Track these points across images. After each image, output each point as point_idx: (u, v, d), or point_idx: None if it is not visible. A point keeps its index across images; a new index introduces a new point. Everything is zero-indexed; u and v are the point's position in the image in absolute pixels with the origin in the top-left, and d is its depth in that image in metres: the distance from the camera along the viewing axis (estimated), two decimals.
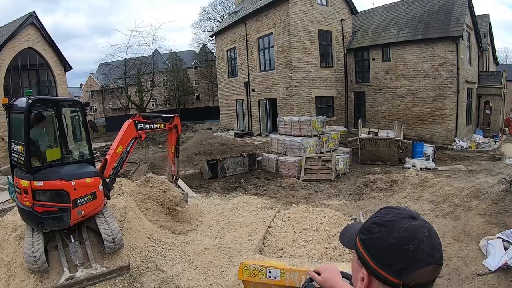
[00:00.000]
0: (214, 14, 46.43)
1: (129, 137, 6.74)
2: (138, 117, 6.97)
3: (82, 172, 5.69)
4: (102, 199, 5.96)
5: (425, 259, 1.00)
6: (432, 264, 1.01)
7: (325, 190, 10.90)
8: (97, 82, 46.98)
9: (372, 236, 1.09)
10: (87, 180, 5.59)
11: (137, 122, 6.85)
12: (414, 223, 1.05)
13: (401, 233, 1.03)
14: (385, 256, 1.04)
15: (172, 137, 8.35)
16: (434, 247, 1.02)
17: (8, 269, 5.58)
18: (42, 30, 17.69)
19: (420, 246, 1.00)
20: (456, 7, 17.05)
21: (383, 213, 1.14)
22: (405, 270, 1.00)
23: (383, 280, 1.04)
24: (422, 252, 1.00)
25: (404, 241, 1.01)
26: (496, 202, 8.96)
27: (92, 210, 5.73)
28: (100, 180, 5.88)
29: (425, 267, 1.00)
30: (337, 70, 20.78)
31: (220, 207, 9.39)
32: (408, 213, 1.10)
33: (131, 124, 6.76)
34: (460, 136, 16.80)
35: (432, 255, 1.01)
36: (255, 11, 20.86)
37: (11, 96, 15.99)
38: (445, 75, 16.69)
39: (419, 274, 1.00)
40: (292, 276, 3.68)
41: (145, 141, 21.89)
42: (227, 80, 25.80)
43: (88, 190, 5.58)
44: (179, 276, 5.86)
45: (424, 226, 1.05)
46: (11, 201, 9.73)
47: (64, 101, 6.69)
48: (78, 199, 5.41)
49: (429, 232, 1.04)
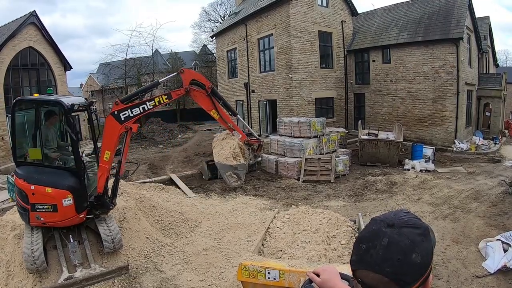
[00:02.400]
0: (215, 15, 46.41)
1: (114, 136, 5.41)
2: (116, 106, 5.44)
3: (47, 180, 5.31)
4: (71, 215, 5.39)
5: (371, 265, 1.02)
6: (380, 275, 1.00)
7: (324, 191, 10.90)
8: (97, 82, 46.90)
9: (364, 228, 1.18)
10: (47, 190, 5.21)
11: (117, 113, 5.40)
12: (385, 229, 1.04)
13: (366, 232, 1.09)
14: (354, 244, 1.12)
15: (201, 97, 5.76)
16: (386, 260, 1.00)
17: (6, 269, 5.58)
18: (42, 29, 17.70)
19: (370, 250, 1.03)
20: (456, 9, 17.06)
21: (386, 213, 1.17)
22: (354, 263, 1.08)
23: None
24: (370, 256, 1.02)
25: (362, 239, 1.08)
26: (496, 204, 8.97)
27: (58, 222, 5.36)
28: (68, 195, 5.29)
29: (371, 272, 1.02)
30: (337, 72, 20.78)
31: (219, 208, 9.37)
32: (392, 220, 1.06)
33: (109, 118, 5.42)
34: (460, 138, 16.80)
35: (380, 266, 1.00)
36: (256, 12, 20.87)
37: (11, 95, 16.01)
38: (445, 77, 16.69)
39: (365, 275, 1.04)
40: (291, 277, 3.69)
41: (144, 141, 21.91)
42: (227, 81, 25.80)
43: (47, 200, 5.22)
44: (178, 276, 5.85)
45: (390, 237, 1.02)
46: (11, 200, 9.72)
47: (45, 102, 5.81)
48: (36, 204, 5.23)
49: (389, 244, 1.01)
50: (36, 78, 18.09)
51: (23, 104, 5.84)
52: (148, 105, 5.48)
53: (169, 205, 8.79)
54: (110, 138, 5.39)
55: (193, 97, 5.76)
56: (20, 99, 5.87)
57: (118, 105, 5.37)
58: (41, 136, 5.56)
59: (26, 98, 6.17)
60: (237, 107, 24.51)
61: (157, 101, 5.52)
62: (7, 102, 15.56)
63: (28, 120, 5.81)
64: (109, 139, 5.39)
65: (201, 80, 5.72)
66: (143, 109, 5.43)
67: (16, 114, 5.61)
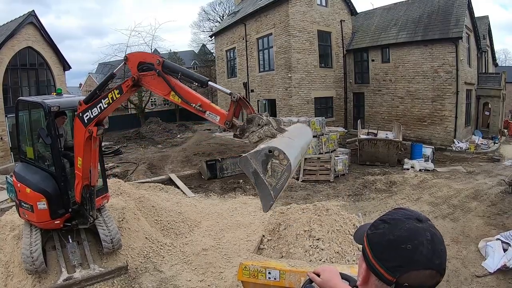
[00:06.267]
0: (214, 15, 46.38)
1: (81, 141, 4.78)
2: (80, 108, 4.71)
3: (29, 180, 5.37)
4: (46, 219, 5.28)
5: (423, 262, 0.98)
6: (430, 269, 0.99)
7: (324, 191, 10.89)
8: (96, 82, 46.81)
9: (376, 231, 1.09)
10: (27, 190, 5.30)
11: (81, 115, 4.68)
12: (419, 225, 1.04)
13: (402, 231, 1.02)
14: (383, 251, 1.04)
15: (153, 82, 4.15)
16: (434, 252, 1.00)
17: (6, 269, 5.56)
18: (41, 29, 17.64)
19: (419, 247, 0.99)
20: (455, 9, 17.07)
21: (392, 212, 1.14)
22: (399, 268, 1.00)
23: (378, 275, 1.04)
24: (420, 254, 0.98)
25: (403, 240, 1.01)
26: (495, 203, 8.97)
27: (35, 222, 5.40)
28: (42, 199, 5.17)
29: (422, 270, 0.99)
30: (337, 71, 20.79)
31: (218, 208, 9.36)
32: (416, 215, 1.08)
33: (76, 121, 4.78)
34: (459, 137, 16.81)
35: (431, 260, 0.99)
36: (255, 12, 20.86)
37: (10, 95, 15.97)
38: (444, 76, 16.70)
39: (414, 276, 0.99)
40: (291, 277, 3.68)
41: (143, 141, 21.89)
42: (226, 80, 25.79)
43: (27, 200, 5.30)
44: (177, 277, 5.84)
45: (428, 230, 1.03)
46: (10, 200, 9.70)
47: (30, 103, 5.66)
48: (21, 201, 5.40)
49: (432, 237, 1.02)
50: (35, 78, 18.03)
51: (20, 104, 6.00)
52: (104, 103, 4.50)
53: (169, 205, 8.78)
54: (78, 143, 4.87)
55: (146, 85, 4.27)
56: (19, 99, 6.09)
57: (81, 105, 4.69)
58: (33, 136, 5.69)
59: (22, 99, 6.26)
60: None
61: (110, 97, 4.45)
62: (6, 102, 15.52)
63: (26, 120, 5.93)
64: (77, 144, 4.89)
65: (147, 58, 4.17)
66: (100, 108, 4.53)
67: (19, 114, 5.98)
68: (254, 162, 2.77)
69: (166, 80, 3.98)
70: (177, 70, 4.09)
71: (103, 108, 4.50)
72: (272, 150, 2.71)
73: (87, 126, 4.64)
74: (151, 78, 4.14)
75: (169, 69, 4.08)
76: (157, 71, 4.02)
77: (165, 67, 4.05)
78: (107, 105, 4.48)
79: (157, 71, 4.02)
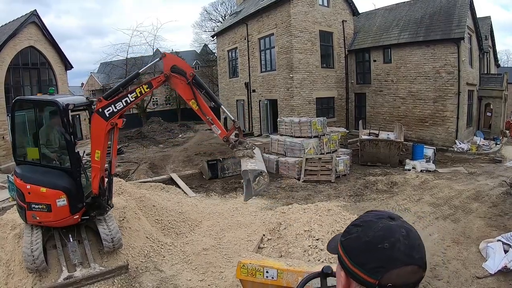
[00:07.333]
0: (216, 15, 46.40)
1: (102, 134, 5.25)
2: (99, 104, 5.19)
3: (42, 180, 5.33)
4: (65, 216, 5.40)
5: (402, 259, 0.96)
6: (411, 265, 0.96)
7: (325, 191, 10.88)
8: (98, 82, 46.97)
9: (350, 236, 1.06)
10: (42, 189, 5.24)
11: (101, 110, 5.17)
12: (392, 223, 1.02)
13: (376, 231, 1.00)
14: (360, 255, 1.01)
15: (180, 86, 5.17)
16: (413, 247, 0.98)
17: (6, 268, 5.59)
18: (43, 29, 17.70)
19: (396, 244, 0.96)
20: (457, 9, 17.03)
21: (363, 215, 1.12)
22: (379, 269, 0.96)
23: (359, 281, 1.01)
24: (398, 251, 0.96)
25: (379, 240, 0.98)
26: (496, 204, 8.94)
27: (52, 222, 5.40)
28: (62, 195, 5.29)
29: (403, 267, 0.96)
30: (338, 71, 20.77)
31: (219, 208, 9.37)
32: (387, 214, 1.07)
33: (95, 117, 5.23)
34: (461, 138, 16.78)
35: (411, 256, 0.97)
36: (257, 12, 20.86)
37: (12, 95, 16.01)
38: (446, 77, 16.66)
39: (396, 275, 0.95)
40: (289, 277, 3.68)
41: (145, 141, 21.91)
42: (228, 80, 25.80)
43: (41, 200, 5.24)
44: (177, 276, 5.85)
45: (403, 227, 1.01)
46: (11, 199, 9.73)
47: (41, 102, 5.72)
48: (32, 203, 5.27)
49: (408, 232, 1.00)
50: (37, 77, 18.09)
51: (22, 104, 5.88)
52: (130, 97, 5.19)
53: (169, 205, 8.79)
54: (98, 136, 5.26)
55: (173, 84, 5.23)
56: (19, 98, 5.93)
57: (101, 102, 5.18)
58: (39, 136, 5.58)
59: (24, 98, 6.18)
60: (238, 107, 24.54)
61: (138, 92, 5.20)
62: (8, 102, 15.57)
63: (27, 120, 5.83)
64: (97, 137, 5.27)
65: (183, 66, 5.16)
66: (125, 102, 5.18)
67: (15, 114, 5.67)
68: (250, 174, 4.78)
69: (193, 91, 5.08)
70: (203, 87, 5.27)
71: (129, 102, 5.22)
72: (262, 172, 4.84)
73: (108, 119, 5.16)
74: (180, 82, 5.12)
75: (197, 83, 5.15)
76: (188, 81, 5.04)
77: (195, 80, 5.10)
78: (134, 99, 5.23)
79: (188, 81, 5.04)
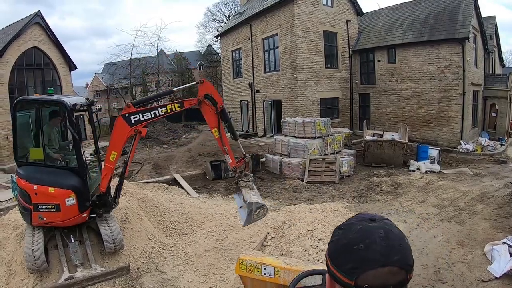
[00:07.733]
0: (219, 15, 46.50)
1: (123, 138, 5.34)
2: (127, 109, 5.31)
3: (49, 180, 5.33)
4: (74, 214, 5.43)
5: (378, 260, 0.95)
6: (388, 266, 0.95)
7: (328, 192, 10.82)
8: (102, 82, 47.19)
9: (333, 239, 1.08)
10: (50, 189, 5.24)
11: (127, 116, 5.27)
12: (371, 224, 1.03)
13: (354, 233, 1.01)
14: (338, 257, 1.02)
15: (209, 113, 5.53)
16: (391, 249, 0.97)
17: (8, 268, 5.59)
18: (47, 29, 17.77)
19: (371, 246, 0.96)
20: (462, 9, 16.92)
21: (350, 218, 1.13)
22: (355, 270, 0.97)
23: (339, 282, 1.02)
24: (373, 252, 0.95)
25: (355, 241, 0.99)
26: (502, 206, 8.84)
27: (60, 221, 5.40)
28: (71, 194, 5.33)
29: (379, 268, 0.95)
30: (342, 72, 20.70)
31: (222, 208, 9.32)
32: (369, 216, 1.07)
33: (120, 120, 5.32)
34: (466, 139, 16.65)
35: (388, 257, 0.95)
36: (260, 12, 20.85)
37: (16, 95, 16.09)
38: (451, 77, 16.55)
39: (372, 275, 0.95)
40: (286, 275, 3.72)
41: (149, 141, 21.94)
42: (232, 80, 25.81)
43: (50, 200, 5.25)
44: (179, 278, 5.82)
45: (382, 228, 1.01)
46: (14, 199, 9.75)
47: (47, 102, 5.79)
48: (39, 204, 5.24)
49: (386, 234, 0.99)
50: (41, 78, 18.16)
51: (25, 104, 5.83)
52: (160, 111, 5.39)
53: (172, 205, 8.76)
54: (118, 139, 5.37)
55: (202, 110, 5.54)
56: (22, 99, 5.85)
57: (129, 107, 5.30)
58: (43, 136, 5.56)
59: (27, 98, 6.15)
60: (242, 107, 24.54)
61: (169, 108, 5.42)
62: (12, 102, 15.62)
63: (30, 120, 5.82)
64: (117, 140, 5.37)
65: (215, 97, 5.53)
66: (154, 114, 5.37)
67: (17, 114, 5.63)
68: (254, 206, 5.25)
69: (219, 121, 5.55)
70: (227, 120, 5.72)
71: (158, 115, 5.42)
72: (264, 205, 5.39)
73: (133, 126, 5.29)
74: (209, 109, 5.50)
75: (223, 115, 5.58)
76: (217, 111, 5.48)
77: (222, 112, 5.53)
78: (163, 113, 5.44)
79: (217, 111, 5.48)
